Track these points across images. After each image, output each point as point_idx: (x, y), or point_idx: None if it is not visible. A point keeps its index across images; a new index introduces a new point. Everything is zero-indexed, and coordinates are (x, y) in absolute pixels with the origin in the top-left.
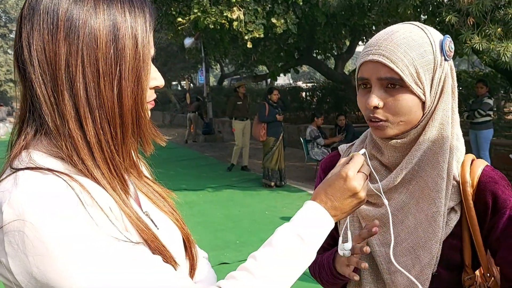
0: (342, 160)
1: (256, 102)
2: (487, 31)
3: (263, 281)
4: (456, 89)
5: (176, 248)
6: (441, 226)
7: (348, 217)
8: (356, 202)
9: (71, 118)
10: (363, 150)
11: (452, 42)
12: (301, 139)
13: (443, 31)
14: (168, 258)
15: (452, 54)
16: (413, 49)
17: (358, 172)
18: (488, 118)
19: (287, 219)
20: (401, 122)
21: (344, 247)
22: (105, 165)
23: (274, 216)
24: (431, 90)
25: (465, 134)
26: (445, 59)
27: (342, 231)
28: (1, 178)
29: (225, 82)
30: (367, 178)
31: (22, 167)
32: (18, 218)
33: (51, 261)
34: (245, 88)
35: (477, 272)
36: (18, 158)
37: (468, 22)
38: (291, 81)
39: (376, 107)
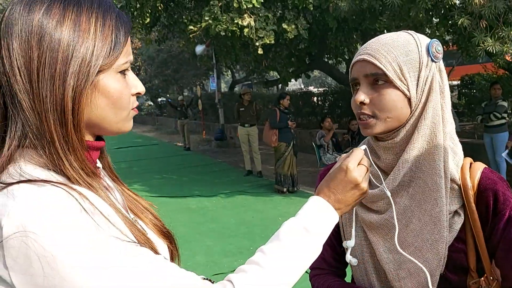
0: (343, 155)
1: (267, 108)
2: (500, 33)
3: (271, 272)
4: (447, 89)
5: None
6: (445, 225)
7: (354, 222)
8: (359, 194)
9: (45, 121)
10: (364, 146)
11: (440, 45)
12: (313, 144)
13: (456, 34)
14: None
15: (440, 55)
16: (396, 48)
17: (358, 164)
18: (503, 121)
19: None
20: (388, 119)
21: (347, 244)
22: (79, 167)
23: None
24: (417, 88)
25: (479, 138)
26: (433, 60)
27: (353, 237)
28: None
29: (236, 88)
30: (367, 170)
31: (14, 180)
32: (19, 230)
33: (59, 270)
34: (250, 95)
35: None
36: (6, 171)
37: (481, 25)
38: (303, 86)
39: (362, 103)
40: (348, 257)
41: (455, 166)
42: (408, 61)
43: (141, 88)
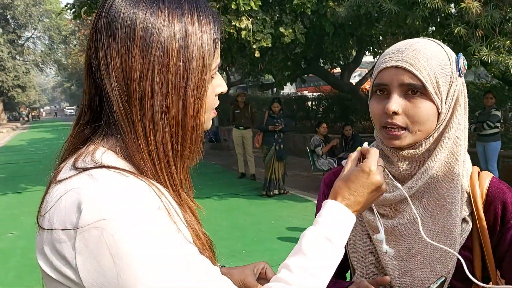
0: (353, 155)
1: (262, 111)
2: (495, 43)
3: None
4: (467, 104)
5: None
6: (457, 238)
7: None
8: (378, 195)
9: (141, 132)
10: (366, 143)
11: (465, 59)
12: (307, 148)
13: (452, 42)
14: None
15: (465, 71)
16: (434, 59)
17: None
18: (496, 130)
19: (293, 229)
20: (419, 132)
21: (377, 237)
22: (166, 179)
23: (280, 225)
24: (446, 101)
25: (472, 146)
26: (459, 75)
27: (381, 229)
28: (65, 176)
29: (231, 91)
30: (383, 170)
31: (94, 165)
32: (98, 219)
33: (128, 262)
34: (244, 96)
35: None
36: (85, 157)
37: (477, 34)
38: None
39: (395, 113)
40: (385, 248)
41: (466, 174)
42: (443, 74)
43: (225, 88)
